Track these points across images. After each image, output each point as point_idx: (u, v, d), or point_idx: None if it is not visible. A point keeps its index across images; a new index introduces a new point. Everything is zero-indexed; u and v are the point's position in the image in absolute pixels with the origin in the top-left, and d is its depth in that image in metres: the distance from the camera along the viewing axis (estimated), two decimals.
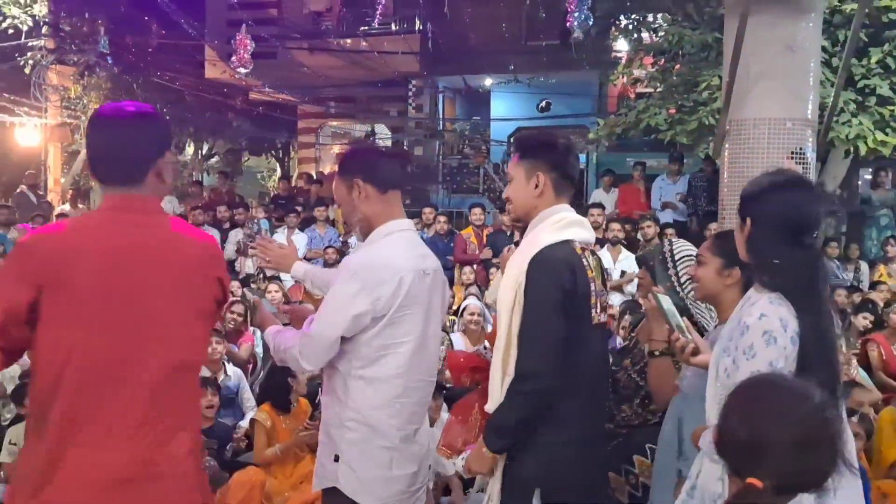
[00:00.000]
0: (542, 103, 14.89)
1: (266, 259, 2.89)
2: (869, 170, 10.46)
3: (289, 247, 2.99)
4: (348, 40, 13.77)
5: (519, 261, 2.33)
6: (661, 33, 9.74)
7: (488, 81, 14.90)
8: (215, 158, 19.75)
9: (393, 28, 14.03)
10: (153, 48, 14.26)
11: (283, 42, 13.86)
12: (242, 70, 11.05)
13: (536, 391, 2.23)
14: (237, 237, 9.24)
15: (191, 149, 19.50)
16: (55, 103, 13.03)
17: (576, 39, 8.70)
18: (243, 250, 8.74)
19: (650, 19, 10.14)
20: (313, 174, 14.08)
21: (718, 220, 6.14)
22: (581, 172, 15.45)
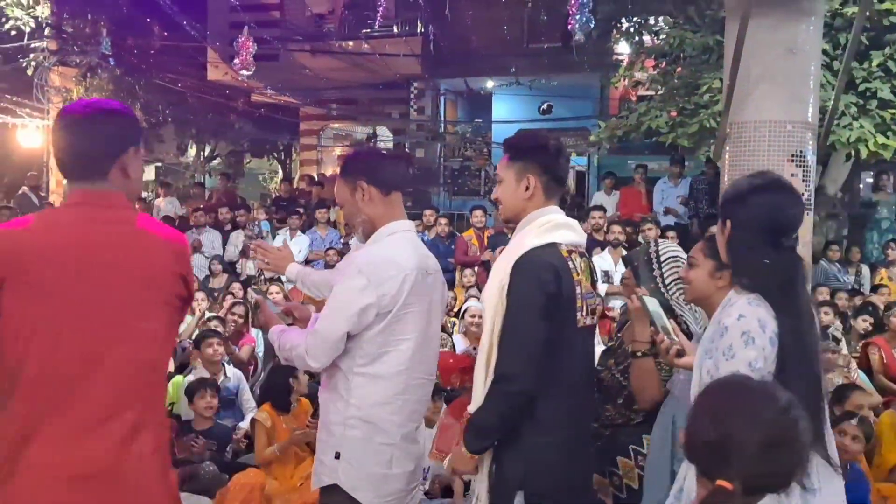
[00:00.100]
0: (544, 106, 14.89)
1: (264, 261, 2.93)
2: (870, 173, 10.47)
3: (285, 249, 3.01)
4: (350, 42, 13.78)
5: (504, 263, 2.33)
6: (662, 36, 9.73)
7: (490, 84, 14.91)
8: (217, 160, 19.81)
9: (395, 30, 14.05)
10: (155, 50, 14.30)
11: (286, 44, 13.87)
12: (245, 72, 11.05)
13: (514, 393, 2.23)
14: (238, 239, 9.25)
15: (193, 150, 19.57)
16: (57, 105, 13.01)
17: (577, 42, 8.67)
18: (245, 252, 8.75)
19: (651, 22, 10.13)
20: (315, 176, 14.09)
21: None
22: (582, 175, 15.52)
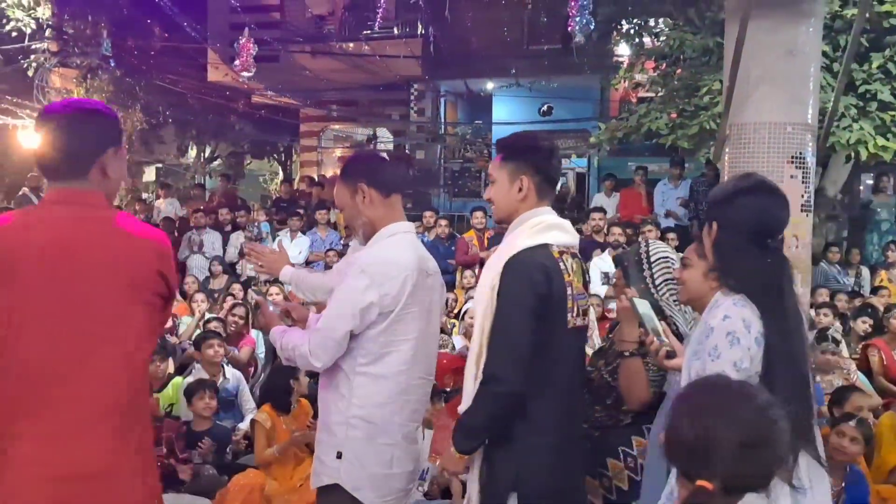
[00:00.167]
0: (544, 107, 14.91)
1: (259, 264, 2.93)
2: (870, 175, 10.47)
3: (280, 252, 3.01)
4: (350, 44, 13.81)
5: (495, 263, 2.33)
6: (662, 38, 9.75)
7: (490, 85, 14.93)
8: (218, 161, 19.82)
9: (395, 32, 14.08)
10: (156, 51, 14.30)
11: (286, 46, 13.90)
12: (245, 73, 11.06)
13: (502, 394, 2.23)
14: (239, 240, 9.26)
15: (193, 152, 19.58)
16: None
17: (577, 44, 8.68)
18: (244, 253, 8.75)
19: (651, 24, 10.14)
20: (315, 177, 14.09)
21: None
22: (582, 177, 15.54)
